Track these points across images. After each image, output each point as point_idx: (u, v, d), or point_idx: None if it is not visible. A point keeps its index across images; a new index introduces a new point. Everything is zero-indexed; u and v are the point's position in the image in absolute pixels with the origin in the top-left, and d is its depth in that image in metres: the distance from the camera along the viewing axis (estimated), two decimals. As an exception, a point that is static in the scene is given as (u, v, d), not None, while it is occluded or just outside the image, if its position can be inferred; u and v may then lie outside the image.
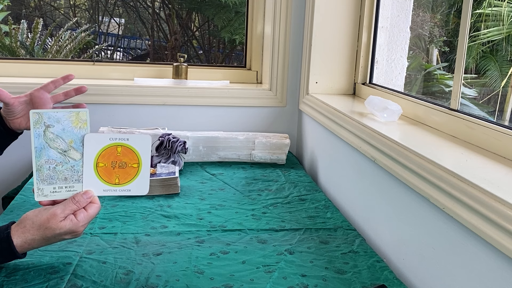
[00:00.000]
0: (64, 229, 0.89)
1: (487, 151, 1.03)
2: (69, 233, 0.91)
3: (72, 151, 0.93)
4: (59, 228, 0.89)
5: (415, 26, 5.18)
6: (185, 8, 6.22)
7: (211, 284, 0.92)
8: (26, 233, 0.89)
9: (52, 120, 0.92)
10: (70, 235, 0.91)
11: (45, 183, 0.92)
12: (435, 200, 0.91)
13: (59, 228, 0.89)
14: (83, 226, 0.92)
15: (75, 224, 0.90)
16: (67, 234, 0.91)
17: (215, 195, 1.37)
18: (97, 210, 0.94)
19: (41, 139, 0.91)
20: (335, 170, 1.49)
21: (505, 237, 0.73)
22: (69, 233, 0.91)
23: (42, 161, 0.92)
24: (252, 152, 1.66)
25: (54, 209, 0.90)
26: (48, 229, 0.89)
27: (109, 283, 0.90)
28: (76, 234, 0.92)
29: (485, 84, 5.58)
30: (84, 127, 0.93)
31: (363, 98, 1.65)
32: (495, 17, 5.47)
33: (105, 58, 6.69)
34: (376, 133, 1.18)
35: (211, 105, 1.83)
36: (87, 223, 0.92)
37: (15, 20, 5.63)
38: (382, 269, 1.00)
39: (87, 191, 0.93)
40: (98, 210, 0.94)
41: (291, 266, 1.00)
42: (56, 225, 0.89)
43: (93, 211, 0.92)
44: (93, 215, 0.93)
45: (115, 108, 1.77)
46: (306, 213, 1.28)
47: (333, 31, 1.70)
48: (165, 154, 1.52)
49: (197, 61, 6.21)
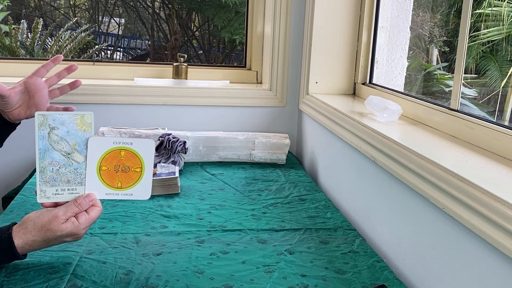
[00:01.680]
0: (65, 231, 0.89)
1: (487, 151, 1.03)
2: (70, 236, 0.91)
3: (75, 153, 0.93)
4: (61, 230, 0.89)
5: (415, 26, 5.18)
6: (185, 8, 6.22)
7: (211, 284, 0.92)
8: (28, 234, 0.89)
9: (57, 122, 0.92)
10: (71, 238, 0.92)
11: (48, 185, 0.92)
12: (435, 200, 0.91)
13: (60, 230, 0.89)
14: (84, 229, 0.92)
15: (76, 227, 0.90)
16: (68, 236, 0.91)
17: (215, 195, 1.37)
18: (99, 213, 0.94)
19: (45, 141, 0.91)
20: (335, 170, 1.49)
21: (505, 237, 0.73)
22: (70, 235, 0.91)
23: (45, 163, 0.92)
24: (252, 152, 1.66)
25: (56, 211, 0.90)
26: (50, 231, 0.89)
27: (109, 283, 0.91)
28: (77, 237, 0.92)
29: (485, 84, 5.59)
30: (89, 130, 0.94)
31: (363, 98, 1.65)
32: (495, 17, 5.48)
33: (105, 58, 6.69)
34: (376, 133, 1.18)
35: (211, 105, 1.83)
36: (88, 226, 0.93)
37: (15, 20, 5.63)
38: (382, 269, 1.00)
39: (89, 194, 0.93)
40: (100, 213, 0.94)
41: (291, 266, 1.00)
42: (57, 227, 0.89)
43: (94, 214, 0.92)
44: (94, 218, 0.93)
45: (115, 108, 1.77)
46: (306, 213, 1.28)
47: (333, 31, 1.70)
48: (165, 154, 1.52)
49: (197, 61, 6.21)
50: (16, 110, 1.12)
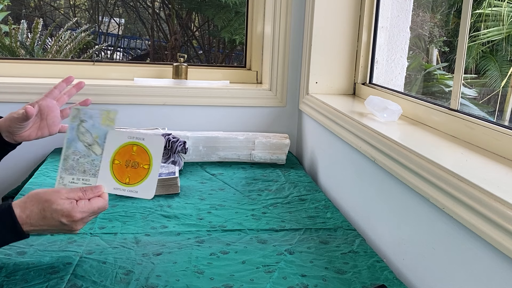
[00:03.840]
0: (62, 207, 0.88)
1: (487, 151, 1.03)
2: (65, 216, 0.89)
3: (95, 145, 0.98)
4: (57, 203, 0.88)
5: (415, 26, 5.18)
6: (185, 8, 6.22)
7: (211, 284, 0.92)
8: (27, 204, 0.89)
9: (86, 116, 0.98)
10: (66, 219, 0.89)
11: (67, 172, 0.96)
12: (435, 200, 0.91)
13: (57, 203, 0.88)
14: (82, 214, 0.90)
15: (73, 208, 0.89)
16: (63, 216, 0.89)
17: (215, 195, 1.37)
18: (101, 205, 0.93)
19: (74, 132, 0.98)
20: (335, 170, 1.49)
21: (505, 237, 0.73)
22: (66, 216, 0.89)
23: (69, 152, 0.97)
24: (252, 152, 1.66)
25: (60, 188, 0.92)
26: (47, 202, 0.89)
27: (109, 283, 0.91)
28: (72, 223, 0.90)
29: (485, 84, 5.59)
30: (111, 126, 0.98)
31: (363, 98, 1.65)
32: (495, 17, 5.48)
33: (105, 58, 6.69)
34: (376, 133, 1.18)
35: (211, 105, 1.83)
36: (86, 216, 0.91)
37: (15, 20, 5.63)
38: (382, 269, 1.00)
39: (98, 186, 0.95)
40: (103, 205, 0.93)
41: (291, 266, 1.00)
42: (55, 199, 0.89)
43: (96, 203, 0.92)
44: (95, 208, 0.92)
45: (115, 108, 1.77)
46: (306, 213, 1.28)
47: (333, 31, 1.70)
48: (165, 154, 1.52)
49: (197, 61, 6.21)
50: (26, 132, 1.11)
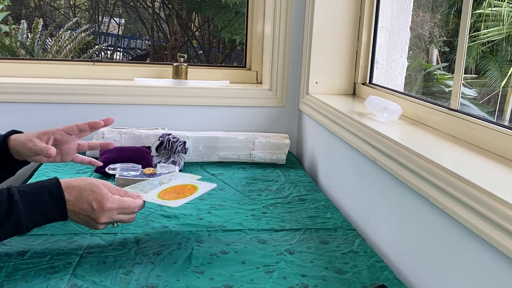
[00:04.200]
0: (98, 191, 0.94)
1: (487, 151, 1.03)
2: (97, 202, 0.93)
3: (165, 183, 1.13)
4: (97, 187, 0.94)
5: (415, 26, 5.18)
6: (185, 8, 6.22)
7: (211, 284, 0.92)
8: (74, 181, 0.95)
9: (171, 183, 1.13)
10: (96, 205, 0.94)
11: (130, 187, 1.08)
12: (435, 200, 0.91)
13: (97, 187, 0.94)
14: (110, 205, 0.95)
15: (107, 196, 0.94)
16: (95, 201, 0.93)
17: (215, 195, 1.37)
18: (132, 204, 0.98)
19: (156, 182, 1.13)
20: (335, 170, 1.49)
21: (505, 237, 0.73)
22: (98, 201, 0.94)
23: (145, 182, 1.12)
24: (252, 152, 1.66)
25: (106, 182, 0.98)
26: (90, 184, 0.95)
27: (109, 283, 0.90)
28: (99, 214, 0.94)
29: (485, 84, 5.59)
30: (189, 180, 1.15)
31: (363, 98, 1.65)
32: (495, 17, 5.48)
33: (105, 58, 6.69)
34: (376, 133, 1.18)
35: (211, 105, 1.83)
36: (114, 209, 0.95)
37: (15, 20, 5.64)
38: (382, 269, 1.00)
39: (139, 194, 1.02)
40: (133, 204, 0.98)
41: (291, 266, 1.00)
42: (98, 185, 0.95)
43: (127, 200, 0.97)
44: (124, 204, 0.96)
45: (115, 108, 1.77)
46: (306, 213, 1.28)
47: (333, 31, 1.70)
48: (165, 154, 1.52)
49: (197, 61, 6.21)
50: (38, 156, 1.10)
